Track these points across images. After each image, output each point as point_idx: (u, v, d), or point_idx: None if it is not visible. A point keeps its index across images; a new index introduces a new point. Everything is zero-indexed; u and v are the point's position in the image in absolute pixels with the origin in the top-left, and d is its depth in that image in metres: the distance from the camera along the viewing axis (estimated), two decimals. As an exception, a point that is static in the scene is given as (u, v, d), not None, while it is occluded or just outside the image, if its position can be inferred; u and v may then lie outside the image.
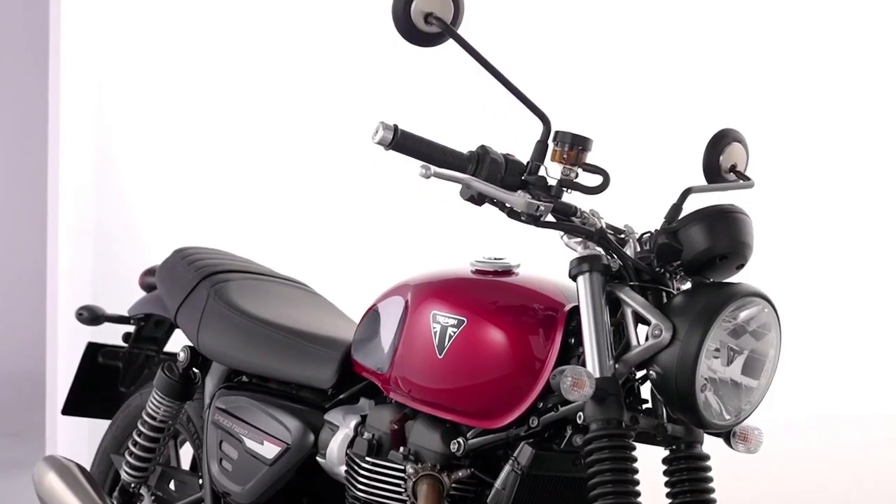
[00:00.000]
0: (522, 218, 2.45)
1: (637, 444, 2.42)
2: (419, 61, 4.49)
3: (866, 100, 4.14)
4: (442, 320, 2.59)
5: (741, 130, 2.61)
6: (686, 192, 2.47)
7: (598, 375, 2.35)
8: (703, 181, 2.62)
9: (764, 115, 4.16)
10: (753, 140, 2.62)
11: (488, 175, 2.42)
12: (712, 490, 2.44)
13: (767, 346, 2.40)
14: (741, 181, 2.63)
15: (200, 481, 3.23)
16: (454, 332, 2.57)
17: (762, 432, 2.55)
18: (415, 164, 2.40)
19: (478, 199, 2.44)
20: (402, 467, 2.61)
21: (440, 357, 2.58)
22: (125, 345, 3.66)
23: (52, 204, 5.17)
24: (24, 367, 7.41)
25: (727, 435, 2.52)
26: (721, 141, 2.58)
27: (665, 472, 2.46)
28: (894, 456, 4.05)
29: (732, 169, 2.62)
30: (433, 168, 2.36)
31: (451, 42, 2.46)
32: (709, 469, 2.45)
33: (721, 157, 2.58)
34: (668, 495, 2.45)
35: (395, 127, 2.39)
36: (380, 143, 2.39)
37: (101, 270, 5.05)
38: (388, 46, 4.59)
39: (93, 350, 3.70)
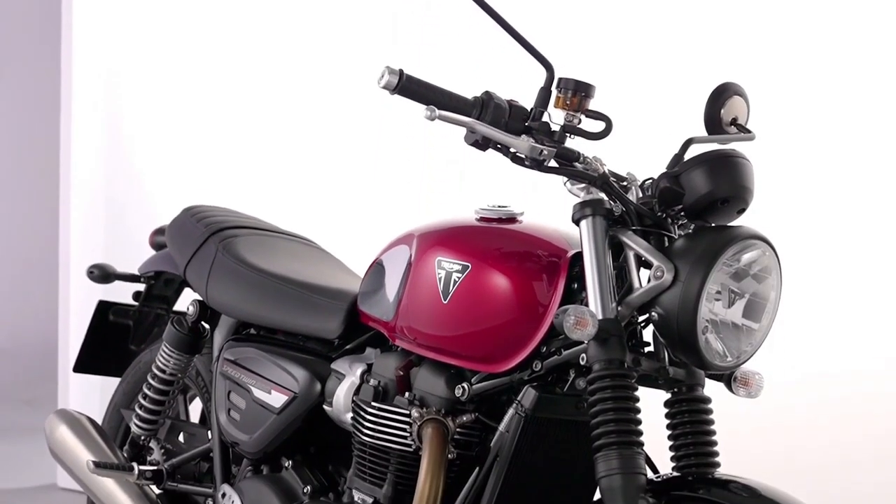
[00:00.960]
0: (526, 163, 2.43)
1: (639, 388, 2.40)
2: (423, 23, 4.48)
3: (868, 52, 4.10)
4: (447, 266, 2.57)
5: (742, 84, 2.59)
6: (687, 143, 2.45)
7: (600, 317, 2.33)
8: (704, 133, 2.59)
9: (765, 69, 4.12)
10: (754, 94, 2.59)
11: (492, 119, 2.40)
12: (713, 432, 2.42)
13: (768, 288, 2.38)
14: (742, 134, 2.60)
15: (209, 433, 3.22)
16: (459, 278, 2.55)
17: (763, 377, 2.53)
18: (418, 121, 2.37)
19: (482, 143, 2.42)
20: (407, 412, 2.60)
21: (445, 302, 2.56)
22: (135, 303, 3.65)
23: (65, 169, 5.16)
24: (37, 338, 7.43)
25: (728, 379, 2.51)
26: (722, 94, 2.54)
27: (667, 415, 2.44)
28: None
29: (733, 122, 2.58)
30: (438, 111, 2.35)
31: None
32: (710, 412, 2.43)
33: (722, 111, 2.54)
34: (669, 437, 2.43)
35: (401, 71, 2.38)
36: (385, 87, 2.38)
37: (112, 232, 5.05)
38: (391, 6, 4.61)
39: (104, 308, 3.69)
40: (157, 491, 3.33)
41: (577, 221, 2.42)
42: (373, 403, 2.68)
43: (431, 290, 2.59)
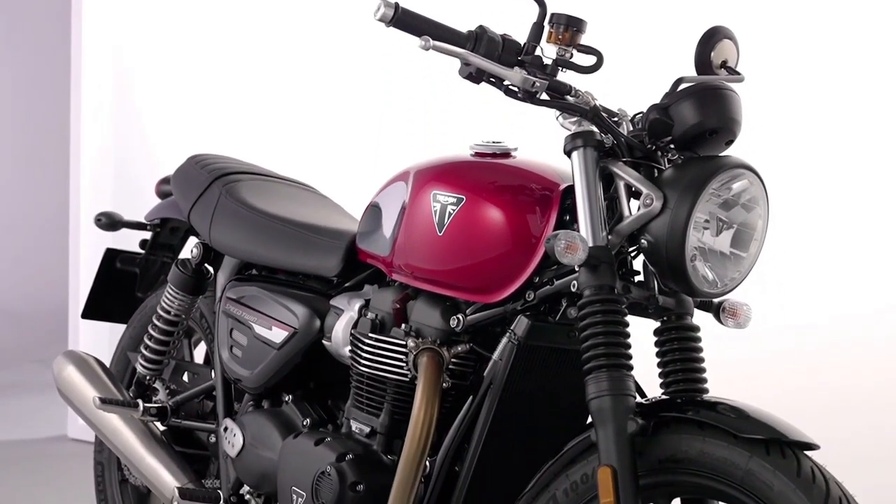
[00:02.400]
0: (519, 95, 2.41)
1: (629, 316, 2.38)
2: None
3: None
4: (442, 199, 2.56)
5: (733, 28, 2.56)
6: (678, 82, 2.43)
7: (591, 244, 2.31)
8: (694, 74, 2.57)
9: (756, 12, 4.09)
10: (744, 37, 2.56)
11: (486, 52, 2.38)
12: (702, 359, 2.41)
13: (756, 217, 2.36)
14: (731, 76, 2.57)
15: (212, 372, 3.21)
16: (453, 210, 2.54)
17: (751, 308, 2.52)
18: (419, 73, 2.35)
19: (476, 75, 2.40)
20: (403, 342, 2.59)
21: (440, 235, 2.55)
22: (142, 251, 3.64)
23: (75, 130, 5.16)
24: (49, 303, 7.43)
25: (717, 310, 2.50)
26: (713, 37, 2.52)
27: (656, 343, 2.42)
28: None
29: (723, 65, 2.56)
30: (432, 41, 2.33)
31: None
32: (699, 339, 2.42)
33: (712, 53, 2.51)
34: (658, 364, 2.41)
35: (396, 4, 2.36)
36: (381, 19, 2.36)
37: (120, 187, 5.04)
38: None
39: (111, 256, 3.68)
40: (162, 428, 3.32)
41: (568, 153, 2.40)
42: (370, 335, 2.67)
43: (427, 223, 2.57)
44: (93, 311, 3.72)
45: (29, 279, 8.19)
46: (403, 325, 2.63)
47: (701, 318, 2.46)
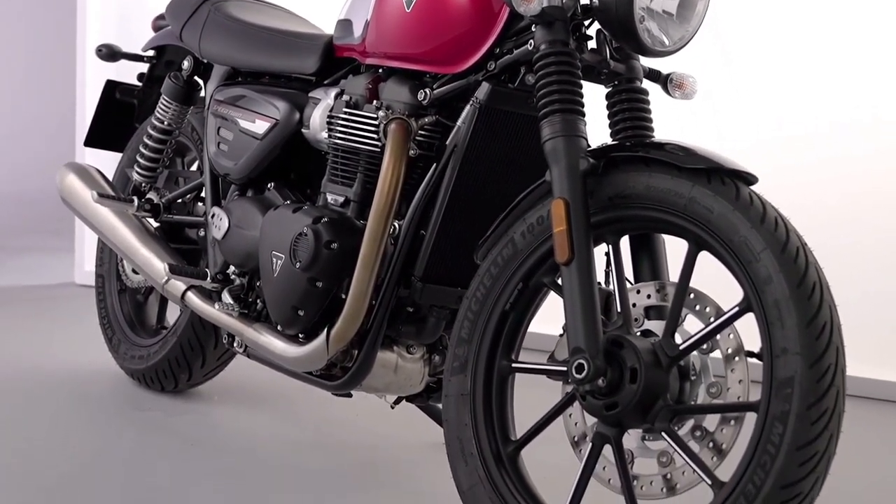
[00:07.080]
0: None
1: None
2: None
3: None
4: None
5: None
6: None
7: (546, 4, 2.26)
8: None
9: None
10: None
11: None
12: (650, 119, 2.38)
13: None
14: None
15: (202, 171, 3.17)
16: None
17: (696, 80, 2.49)
18: None
19: None
20: (375, 116, 2.55)
21: (408, 11, 2.52)
22: (140, 84, 3.58)
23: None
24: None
25: (664, 81, 2.47)
26: None
27: (607, 106, 2.39)
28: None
29: None
30: None
31: None
32: (648, 102, 2.39)
33: None
34: (610, 125, 2.38)
35: None
36: None
37: (122, 33, 4.95)
38: None
39: (111, 87, 3.63)
40: (156, 224, 3.28)
41: None
42: (344, 110, 2.63)
43: (396, 2, 2.54)
44: (94, 139, 3.67)
45: (44, 171, 8.11)
46: (375, 102, 2.59)
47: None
